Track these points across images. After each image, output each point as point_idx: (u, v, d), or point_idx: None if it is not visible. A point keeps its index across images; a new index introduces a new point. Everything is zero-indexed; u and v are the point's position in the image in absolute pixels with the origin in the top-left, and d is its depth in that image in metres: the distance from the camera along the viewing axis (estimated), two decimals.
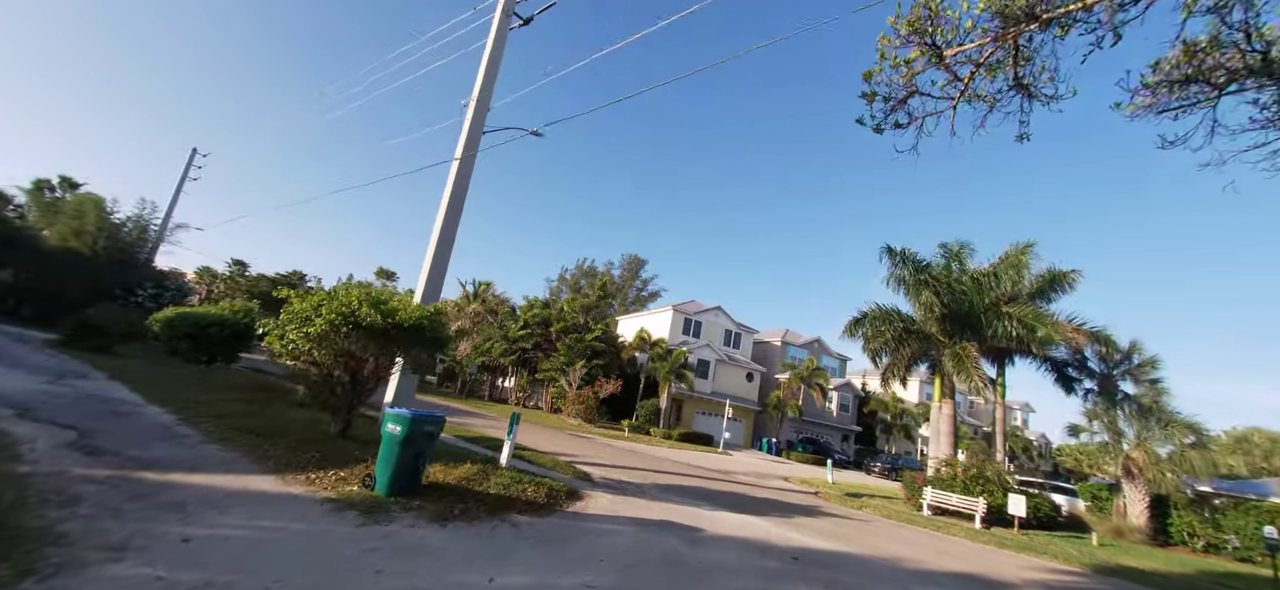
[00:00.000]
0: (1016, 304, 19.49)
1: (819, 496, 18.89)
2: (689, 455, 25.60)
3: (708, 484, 16.08)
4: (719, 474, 19.94)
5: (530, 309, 40.90)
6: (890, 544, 11.39)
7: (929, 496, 18.54)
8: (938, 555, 11.11)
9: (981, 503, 17.43)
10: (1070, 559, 13.34)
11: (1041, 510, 18.31)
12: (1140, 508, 19.11)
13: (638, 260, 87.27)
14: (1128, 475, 19.58)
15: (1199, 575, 14.22)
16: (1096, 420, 20.94)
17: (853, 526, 12.87)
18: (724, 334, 45.59)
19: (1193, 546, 18.56)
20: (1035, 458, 50.92)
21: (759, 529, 10.09)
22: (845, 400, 47.91)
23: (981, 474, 18.66)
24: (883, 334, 20.94)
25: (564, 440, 21.60)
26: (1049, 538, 16.88)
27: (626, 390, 40.38)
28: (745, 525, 10.25)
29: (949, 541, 13.45)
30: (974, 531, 15.48)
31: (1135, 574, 12.86)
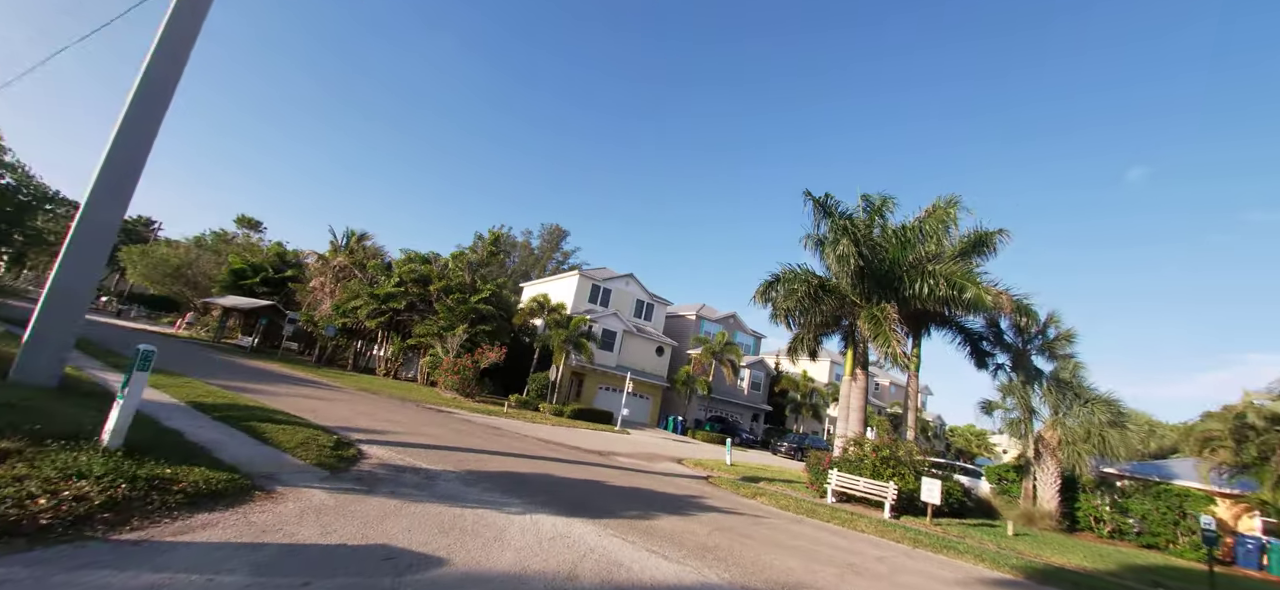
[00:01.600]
0: (941, 263, 17.06)
1: (710, 482, 15.56)
2: (574, 435, 21.63)
3: (563, 471, 12.10)
4: (594, 457, 16.10)
5: (406, 263, 34.90)
6: (781, 558, 7.89)
7: (834, 481, 15.78)
8: (843, 574, 7.73)
9: (892, 488, 14.84)
10: (996, 560, 10.69)
11: (953, 496, 16.10)
12: (1051, 491, 17.52)
13: (559, 230, 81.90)
14: (1038, 456, 17.94)
15: (1124, 569, 12.24)
16: (1010, 395, 19.26)
17: (736, 529, 9.35)
18: (635, 305, 41.97)
19: (1099, 532, 17.17)
20: (931, 438, 52.20)
21: (574, 546, 6.17)
22: (757, 378, 46.14)
23: (893, 455, 16.14)
24: (795, 293, 17.88)
25: (405, 415, 16.90)
26: (963, 528, 14.58)
27: (517, 360, 35.75)
28: (556, 539, 6.31)
29: (858, 543, 10.34)
30: (884, 524, 12.67)
31: (1069, 578, 10.39)
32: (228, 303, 36.82)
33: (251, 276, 42.74)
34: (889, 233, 18.40)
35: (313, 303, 36.12)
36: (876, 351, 16.28)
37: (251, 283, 42.18)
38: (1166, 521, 16.23)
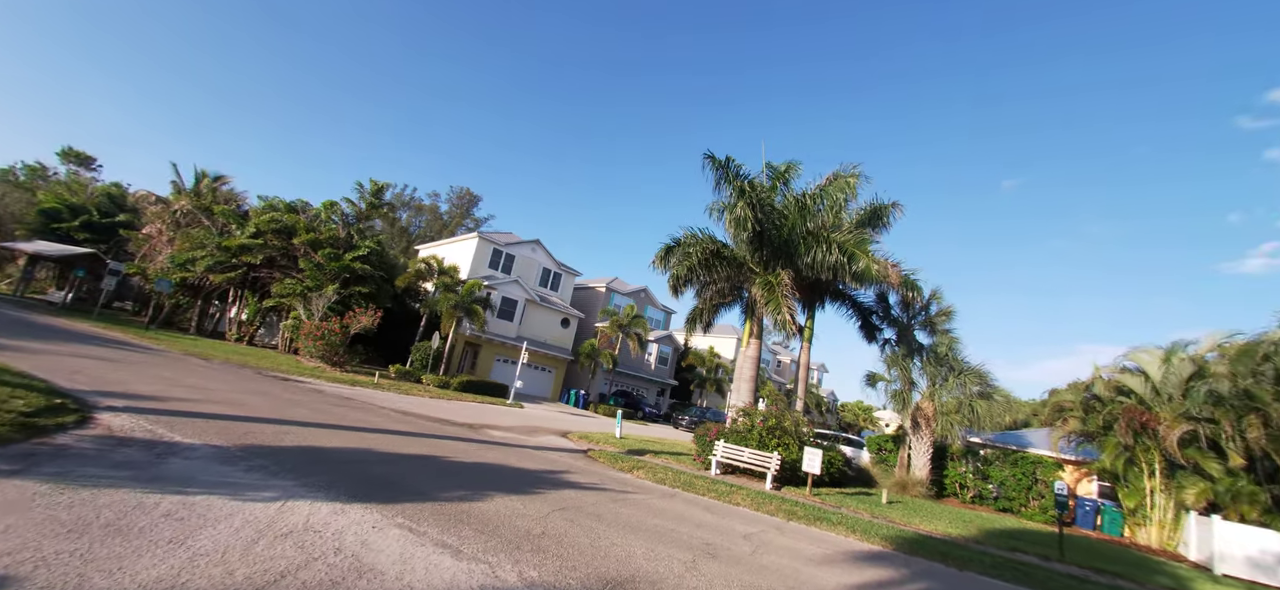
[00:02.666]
0: (838, 233, 16.71)
1: (588, 456, 14.20)
2: (451, 408, 19.44)
3: (396, 446, 10.12)
4: (460, 430, 14.18)
5: (266, 212, 30.11)
6: (626, 542, 6.58)
7: (720, 453, 15.02)
8: (696, 559, 6.56)
9: (775, 458, 14.32)
10: (868, 531, 10.23)
11: (834, 465, 15.97)
12: (923, 460, 18.06)
13: (470, 194, 76.74)
14: (915, 426, 18.43)
15: (984, 534, 12.46)
16: (894, 368, 19.68)
17: (586, 509, 7.96)
18: (541, 273, 39.66)
19: (963, 498, 17.95)
20: (824, 413, 55.05)
21: (311, 545, 4.42)
22: (665, 353, 45.78)
23: (779, 425, 15.66)
24: (691, 256, 16.81)
25: (222, 382, 13.92)
26: (841, 497, 14.39)
27: (403, 328, 32.46)
28: (290, 535, 4.53)
29: (728, 519, 9.37)
30: (762, 496, 11.95)
31: (935, 546, 10.12)
32: (32, 249, 30.06)
33: (69, 219, 35.44)
34: (790, 200, 17.85)
35: (148, 254, 30.34)
36: (769, 318, 15.66)
37: (68, 227, 34.96)
38: (1021, 487, 17.25)
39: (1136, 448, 15.03)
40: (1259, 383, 13.77)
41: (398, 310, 33.03)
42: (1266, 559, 12.52)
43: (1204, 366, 14.98)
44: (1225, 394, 13.90)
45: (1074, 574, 10.21)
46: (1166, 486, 14.98)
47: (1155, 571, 11.78)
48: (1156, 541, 15.14)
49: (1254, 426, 12.94)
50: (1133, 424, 14.67)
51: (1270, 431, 12.89)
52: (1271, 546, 12.53)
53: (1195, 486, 14.16)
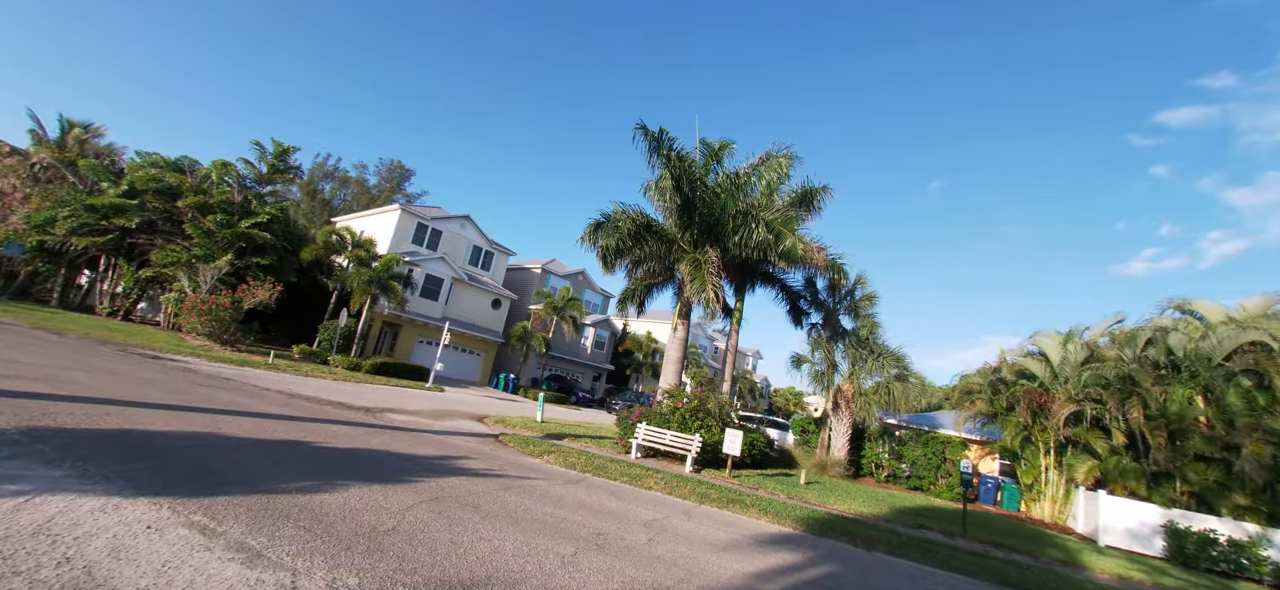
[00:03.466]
0: (768, 212, 16.43)
1: (498, 441, 13.18)
2: (354, 390, 17.80)
3: (250, 430, 8.79)
4: (354, 414, 12.77)
5: (145, 169, 26.51)
6: (499, 536, 5.77)
7: (641, 435, 14.44)
8: (579, 551, 5.84)
9: (696, 441, 13.90)
10: (780, 513, 9.93)
11: (757, 446, 15.82)
12: (842, 441, 18.33)
13: (400, 168, 72.32)
14: (836, 408, 18.67)
15: (895, 512, 12.60)
16: (819, 350, 19.87)
17: (465, 499, 7.06)
18: (471, 251, 37.66)
19: (878, 477, 18.38)
20: (757, 397, 56.33)
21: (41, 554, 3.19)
22: (602, 338, 44.98)
23: (703, 407, 15.27)
24: (620, 230, 16.01)
25: (61, 358, 11.76)
26: (761, 479, 14.20)
27: (311, 305, 29.81)
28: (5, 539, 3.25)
29: (634, 505, 8.72)
30: (679, 479, 11.44)
31: (842, 526, 9.97)
32: None
33: None
34: (724, 178, 17.42)
35: None
36: (694, 296, 15.15)
37: None
38: (931, 466, 17.86)
39: (1034, 428, 15.85)
40: (1141, 368, 14.77)
41: (306, 286, 30.25)
42: (1144, 530, 13.44)
43: (1095, 351, 15.97)
44: (1111, 378, 14.82)
45: (975, 550, 10.38)
46: (1059, 464, 15.91)
47: (1048, 544, 12.33)
48: (1049, 516, 16.08)
49: (1135, 408, 13.85)
50: (1032, 404, 15.43)
51: (1148, 413, 13.83)
52: (1149, 519, 13.45)
53: (1084, 464, 15.08)
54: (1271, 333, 12.85)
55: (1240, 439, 12.51)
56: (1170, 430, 13.61)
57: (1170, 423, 13.61)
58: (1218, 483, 13.02)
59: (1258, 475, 12.41)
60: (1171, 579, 10.76)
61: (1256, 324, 13.24)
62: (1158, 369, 14.61)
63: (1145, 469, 13.97)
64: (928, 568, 8.37)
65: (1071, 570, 10.29)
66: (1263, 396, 12.54)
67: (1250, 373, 12.95)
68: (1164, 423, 13.60)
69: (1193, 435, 13.41)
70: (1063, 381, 16.13)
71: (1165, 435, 13.41)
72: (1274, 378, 12.32)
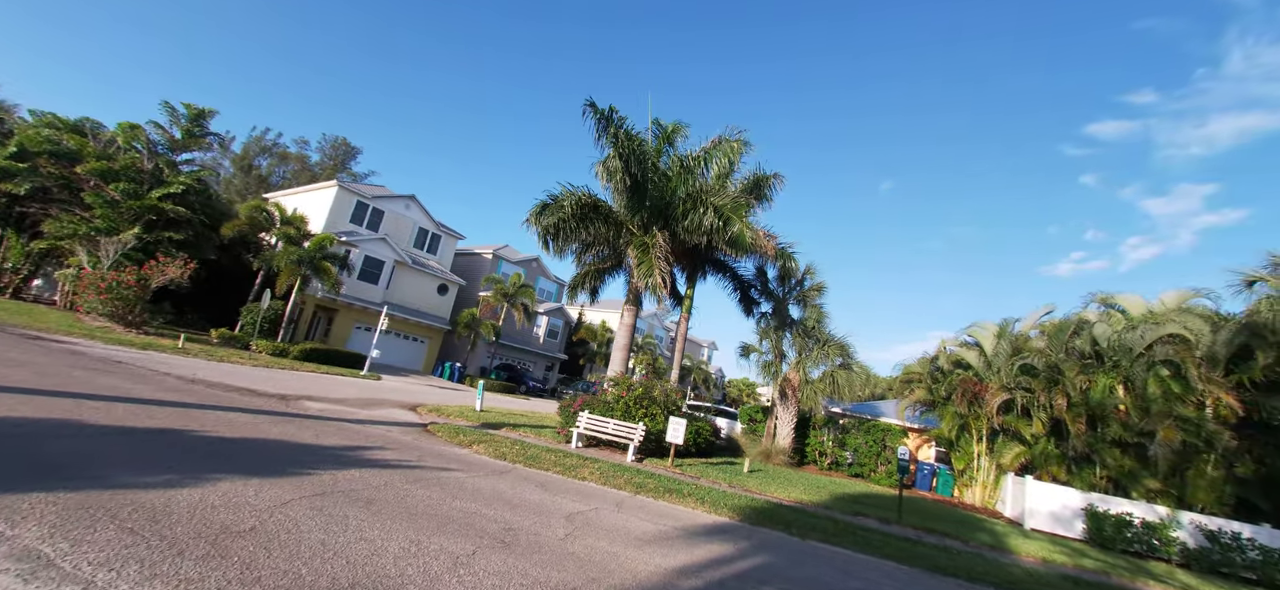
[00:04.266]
0: (718, 197, 16.07)
1: (427, 431, 12.33)
2: (272, 377, 16.48)
3: (131, 419, 7.76)
4: (266, 402, 11.64)
5: (37, 129, 23.68)
6: (383, 539, 5.10)
7: (583, 424, 13.89)
8: (478, 552, 5.26)
9: (640, 429, 13.47)
10: (718, 502, 9.60)
11: (702, 435, 15.56)
12: (788, 429, 18.36)
13: (346, 145, 68.55)
14: (783, 397, 18.67)
15: (835, 499, 12.57)
16: (767, 339, 19.83)
17: (361, 494, 6.35)
18: (416, 233, 35.92)
19: (821, 465, 18.53)
20: (711, 388, 56.80)
21: None
22: (555, 327, 44.02)
23: (648, 395, 14.84)
24: (564, 209, 15.28)
25: None
26: (705, 468, 13.91)
27: (235, 285, 27.65)
28: None
29: (561, 498, 8.17)
30: (617, 469, 10.96)
31: (780, 514, 9.75)
32: None
33: None
34: (675, 161, 16.96)
35: None
36: (641, 281, 14.65)
37: None
38: (872, 453, 18.14)
39: (969, 416, 16.29)
40: (1067, 358, 15.36)
41: (229, 265, 28.00)
42: (1066, 513, 13.97)
43: (1025, 343, 16.56)
44: (1040, 367, 15.37)
45: (908, 536, 10.40)
46: (990, 450, 16.43)
47: (978, 528, 12.60)
48: (979, 500, 16.61)
49: (1059, 396, 14.38)
50: (966, 393, 15.83)
51: (1071, 401, 14.40)
52: (1070, 502, 14.00)
53: (1012, 450, 15.60)
54: (1187, 325, 13.55)
55: (1154, 425, 13.17)
56: (1090, 417, 14.23)
57: (1091, 410, 14.22)
58: (1132, 468, 13.70)
59: (1168, 460, 13.10)
60: (1090, 560, 11.15)
61: (1173, 318, 13.95)
62: (1082, 359, 15.25)
63: (1067, 454, 14.57)
64: (861, 555, 8.22)
65: (999, 554, 10.46)
66: (1177, 385, 13.23)
67: (1168, 363, 13.63)
68: (1085, 410, 14.20)
69: (1112, 422, 14.05)
70: (996, 371, 16.67)
71: (1084, 421, 14.02)
72: (1190, 368, 13.00)
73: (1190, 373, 12.85)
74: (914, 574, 7.85)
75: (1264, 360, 12.67)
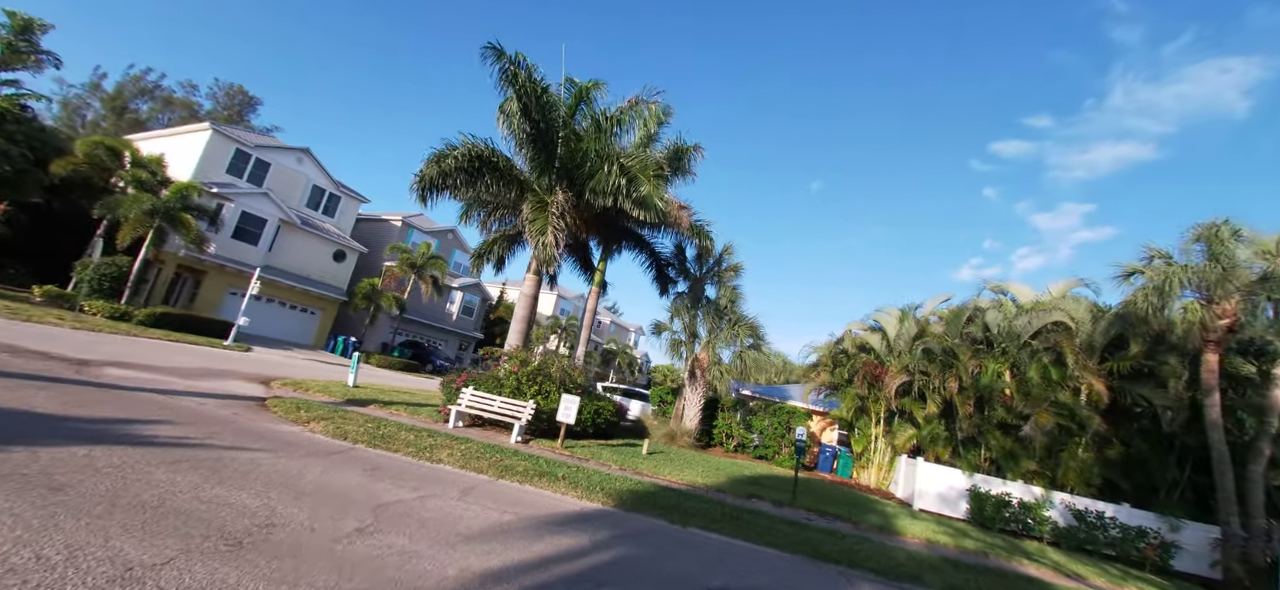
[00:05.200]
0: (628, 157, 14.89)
1: (264, 407, 10.36)
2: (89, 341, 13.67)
3: None
4: (62, 368, 9.19)
5: None
6: (64, 539, 3.42)
7: (465, 401, 12.41)
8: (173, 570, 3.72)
9: (528, 408, 12.18)
10: (595, 486, 8.55)
11: (603, 416, 14.50)
12: (695, 411, 17.76)
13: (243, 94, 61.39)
14: (692, 377, 18.03)
15: (730, 481, 11.94)
16: (679, 318, 19.09)
17: (65, 480, 4.61)
18: (309, 191, 32.17)
19: (727, 447, 18.11)
20: (636, 372, 56.36)
21: None
22: (470, 303, 41.44)
23: (543, 371, 13.56)
24: (452, 159, 13.50)
25: None
26: (600, 449, 12.88)
27: (72, 234, 23.38)
28: None
29: (388, 483, 6.77)
30: (487, 450, 9.62)
31: (665, 498, 8.85)
32: None
33: None
34: (590, 119, 15.58)
35: None
36: (533, 239, 13.21)
37: None
38: (778, 435, 17.92)
39: (869, 398, 16.36)
40: (962, 342, 15.71)
41: (66, 212, 23.60)
42: (952, 494, 14.23)
43: (925, 327, 16.85)
44: (937, 351, 15.62)
45: (798, 519, 9.86)
46: (887, 432, 16.61)
47: (869, 510, 12.43)
48: (874, 482, 16.81)
49: (952, 379, 14.64)
50: (867, 376, 15.85)
51: (961, 384, 14.72)
52: (956, 483, 14.27)
53: (906, 432, 15.82)
54: (1069, 312, 14.13)
55: (1032, 409, 13.65)
56: (979, 400, 14.62)
57: (980, 393, 14.60)
58: (1012, 450, 14.19)
59: (1043, 443, 13.63)
60: (971, 541, 11.20)
61: (1057, 306, 14.52)
62: (975, 344, 15.66)
63: (955, 436, 14.93)
64: (740, 543, 7.44)
65: (885, 537, 10.18)
66: (1056, 372, 13.76)
67: (1050, 350, 14.15)
68: (974, 393, 14.56)
69: (997, 406, 14.48)
70: (897, 355, 16.88)
71: (972, 404, 14.38)
72: (1067, 354, 13.53)
73: (1069, 359, 13.37)
74: (795, 562, 7.16)
75: (1135, 349, 13.40)
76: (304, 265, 30.21)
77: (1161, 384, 13.31)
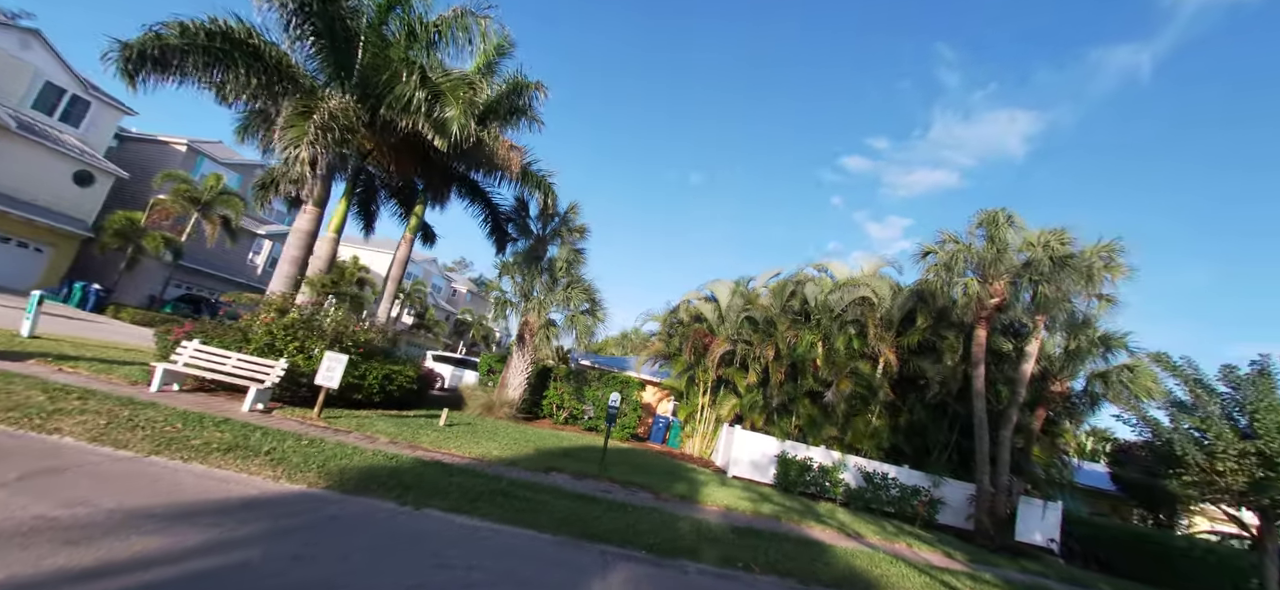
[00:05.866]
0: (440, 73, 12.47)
1: None
2: None
3: None
4: None
5: None
6: None
7: (186, 358, 9.44)
8: None
9: (278, 367, 9.61)
10: (311, 464, 6.57)
11: (396, 382, 12.24)
12: (521, 379, 16.16)
13: None
14: (521, 342, 16.38)
15: (536, 454, 10.58)
16: (509, 276, 17.22)
17: None
18: (39, 88, 24.22)
19: (557, 419, 16.84)
20: (492, 346, 53.12)
21: None
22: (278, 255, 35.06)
23: (308, 323, 10.91)
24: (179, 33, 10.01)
25: None
26: (384, 420, 10.77)
27: None
28: None
29: None
30: (181, 421, 7.03)
31: (413, 477, 7.16)
32: None
33: None
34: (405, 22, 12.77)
35: None
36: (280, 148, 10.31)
37: None
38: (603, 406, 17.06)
39: (698, 368, 16.15)
40: (784, 314, 16.09)
41: None
42: (764, 460, 14.45)
43: (753, 298, 17.08)
44: (760, 321, 15.83)
45: (590, 493, 8.78)
46: (713, 402, 16.59)
47: (681, 478, 11.92)
48: (698, 451, 16.77)
49: (769, 348, 14.88)
50: (696, 345, 15.56)
51: (778, 352, 15.06)
52: (768, 449, 14.52)
53: (729, 401, 15.89)
54: (874, 289, 15.04)
55: (834, 378, 14.33)
56: (794, 369, 15.07)
57: (796, 362, 15.04)
58: (817, 416, 14.86)
59: (843, 410, 14.41)
60: (771, 505, 11.18)
61: (867, 282, 15.40)
62: (794, 317, 16.15)
63: (770, 404, 15.29)
64: (490, 525, 6.05)
65: (685, 506, 9.59)
66: (859, 342, 14.56)
67: (856, 323, 14.93)
68: (790, 362, 14.98)
69: (808, 375, 15.01)
70: (727, 325, 16.90)
71: (784, 373, 14.81)
72: (870, 326, 14.34)
73: (870, 331, 14.19)
74: (554, 545, 5.95)
75: (922, 323, 14.64)
76: (30, 185, 22.78)
77: (939, 357, 14.75)
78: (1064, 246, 12.53)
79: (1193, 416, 17.82)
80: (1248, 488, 16.35)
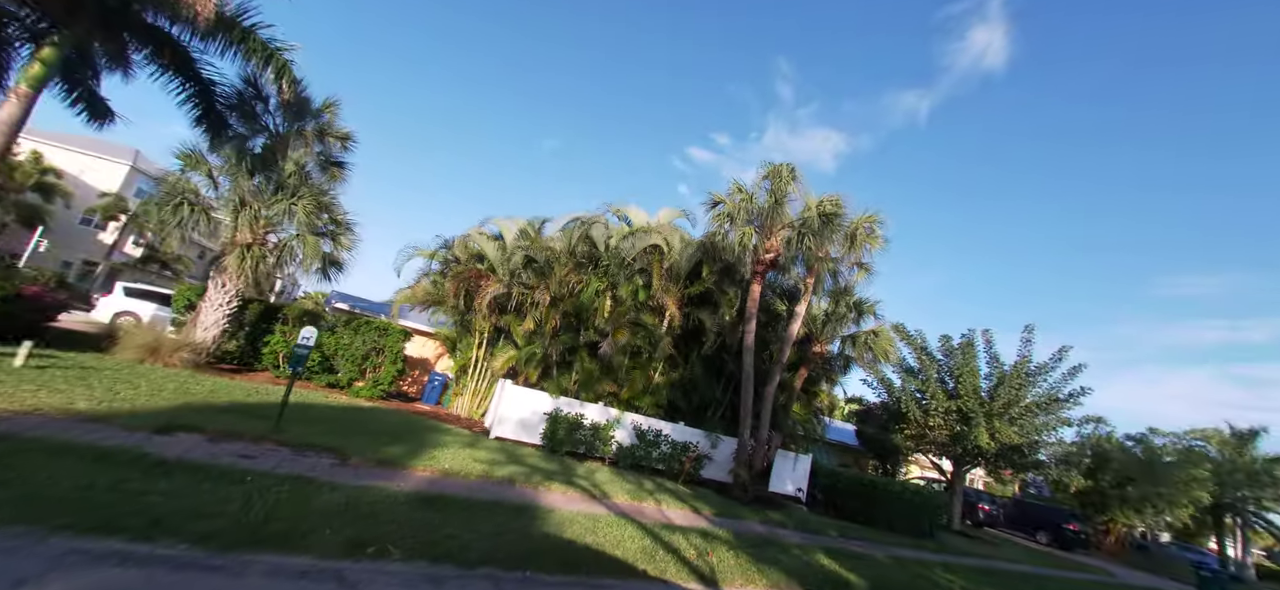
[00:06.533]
0: None
1: None
2: None
3: None
4: None
5: None
6: None
7: None
8: None
9: None
10: None
11: None
12: (220, 316, 12.18)
13: None
14: (220, 267, 12.30)
15: (178, 409, 7.32)
16: (199, 171, 12.80)
17: None
18: None
19: (281, 371, 13.12)
20: None
21: None
22: None
23: None
24: None
25: None
26: None
27: None
28: None
29: None
30: None
31: None
32: None
33: None
34: None
35: None
36: None
37: None
38: (360, 358, 13.89)
39: (471, 314, 13.88)
40: (572, 257, 14.61)
41: None
42: (534, 418, 12.84)
43: (536, 236, 15.32)
44: (542, 263, 14.12)
45: (202, 461, 6.05)
46: (490, 354, 14.52)
47: (403, 440, 9.52)
48: (467, 410, 14.62)
49: (544, 292, 13.29)
50: (465, 286, 13.26)
51: (553, 298, 13.57)
52: (541, 407, 12.94)
53: (506, 353, 13.98)
54: (666, 238, 14.28)
55: (613, 328, 13.31)
56: (575, 315, 13.72)
57: (579, 309, 13.69)
58: (594, 372, 13.73)
59: (624, 364, 13.50)
60: (511, 468, 9.51)
61: (659, 230, 14.57)
62: (580, 262, 14.76)
63: (549, 357, 13.78)
64: None
65: (383, 473, 7.39)
66: (645, 293, 13.69)
67: (644, 272, 14.02)
68: (571, 308, 13.59)
69: (590, 326, 13.77)
70: (509, 266, 14.83)
71: (558, 319, 13.43)
72: (655, 276, 13.52)
73: (654, 282, 13.39)
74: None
75: (708, 275, 14.33)
76: None
77: (717, 309, 14.66)
78: (836, 209, 12.96)
79: (917, 380, 21.10)
80: (949, 440, 19.78)
